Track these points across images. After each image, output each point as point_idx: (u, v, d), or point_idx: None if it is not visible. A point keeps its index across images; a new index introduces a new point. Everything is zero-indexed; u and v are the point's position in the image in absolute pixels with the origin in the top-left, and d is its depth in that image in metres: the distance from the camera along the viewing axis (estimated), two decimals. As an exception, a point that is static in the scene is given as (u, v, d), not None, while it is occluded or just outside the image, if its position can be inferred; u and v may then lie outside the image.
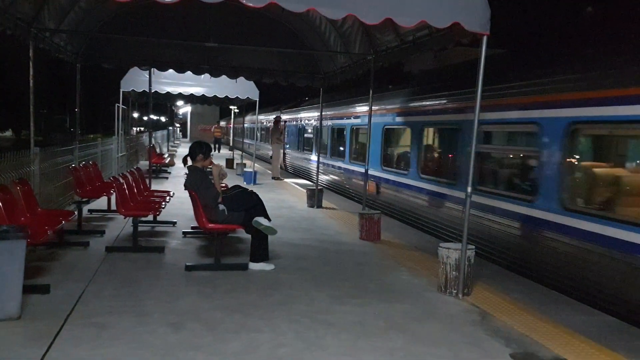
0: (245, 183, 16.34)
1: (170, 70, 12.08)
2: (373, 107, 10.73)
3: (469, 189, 6.12)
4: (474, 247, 6.28)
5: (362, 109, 15.12)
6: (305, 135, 22.51)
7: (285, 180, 19.08)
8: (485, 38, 5.93)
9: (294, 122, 24.32)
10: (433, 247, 7.63)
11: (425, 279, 6.79)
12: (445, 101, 10.31)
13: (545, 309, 5.79)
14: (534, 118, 7.61)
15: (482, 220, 8.52)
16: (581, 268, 6.59)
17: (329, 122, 18.34)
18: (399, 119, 12.50)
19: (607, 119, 6.40)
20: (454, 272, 6.11)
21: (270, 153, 21.82)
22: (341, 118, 17.12)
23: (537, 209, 7.48)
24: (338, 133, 17.54)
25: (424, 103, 11.27)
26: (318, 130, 19.47)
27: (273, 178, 19.33)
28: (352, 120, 16.15)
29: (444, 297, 6.11)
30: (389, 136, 13.28)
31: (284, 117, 25.58)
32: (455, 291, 6.12)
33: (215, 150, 33.58)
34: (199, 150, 7.37)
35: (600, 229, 6.31)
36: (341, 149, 17.13)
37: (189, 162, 7.44)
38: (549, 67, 7.66)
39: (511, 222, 8.00)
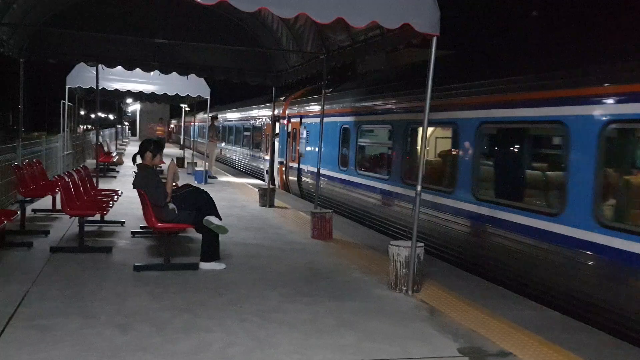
0: (196, 182, 16.14)
1: (119, 67, 11.83)
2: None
3: (419, 188, 6.22)
4: (423, 244, 6.39)
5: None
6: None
7: (233, 179, 18.94)
8: (435, 39, 6.03)
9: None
10: (384, 245, 7.72)
11: (375, 277, 6.86)
12: (371, 103, 11.50)
13: (492, 305, 5.94)
14: (453, 118, 8.55)
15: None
16: (486, 248, 7.74)
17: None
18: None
19: (508, 119, 7.46)
20: (404, 270, 6.20)
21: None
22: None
23: (458, 199, 8.26)
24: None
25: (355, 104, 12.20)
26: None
27: (214, 176, 19.07)
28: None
29: (394, 294, 6.19)
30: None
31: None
32: (405, 288, 6.21)
33: None
34: (148, 147, 7.24)
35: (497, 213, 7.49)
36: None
37: (139, 160, 7.30)
38: (471, 73, 8.58)
39: (433, 212, 8.76)
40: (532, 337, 5.03)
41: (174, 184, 7.38)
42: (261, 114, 21.65)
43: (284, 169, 17.05)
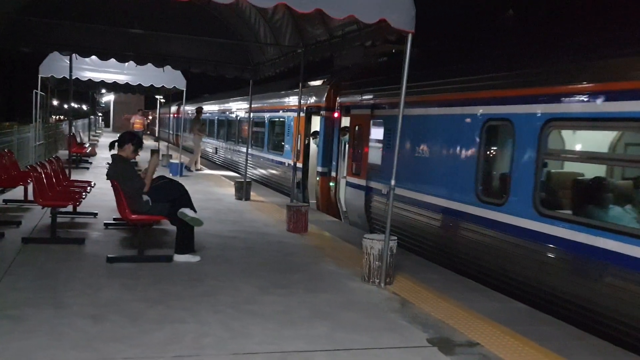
0: (171, 174, 16.05)
1: (93, 57, 11.69)
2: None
3: (393, 182, 6.31)
4: (396, 238, 6.48)
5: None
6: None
7: (210, 172, 18.88)
8: (410, 35, 6.12)
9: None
10: (358, 239, 7.81)
11: (349, 270, 6.95)
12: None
13: (462, 297, 6.07)
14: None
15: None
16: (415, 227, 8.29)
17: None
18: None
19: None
20: (376, 262, 6.29)
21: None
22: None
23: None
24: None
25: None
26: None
27: (188, 168, 18.93)
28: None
29: (367, 287, 6.28)
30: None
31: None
32: (377, 280, 6.30)
33: None
34: (130, 140, 7.19)
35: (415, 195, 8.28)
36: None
37: (115, 149, 7.21)
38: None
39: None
40: (499, 328, 5.16)
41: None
42: (282, 103, 15.81)
43: (331, 183, 12.19)
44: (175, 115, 33.31)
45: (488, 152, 7.57)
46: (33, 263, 6.42)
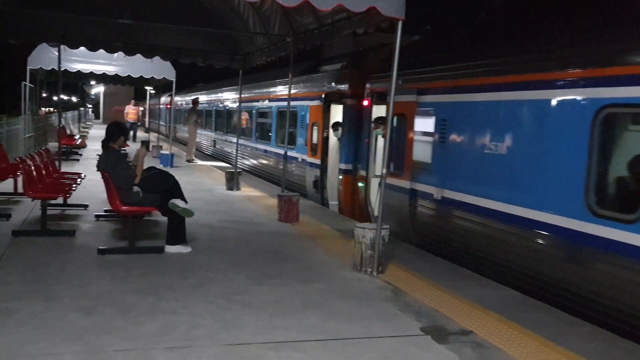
0: (162, 166, 15.98)
1: (82, 48, 11.57)
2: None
3: (384, 170, 6.30)
4: (388, 227, 6.48)
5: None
6: None
7: (202, 162, 18.82)
8: (400, 23, 6.08)
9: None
10: (349, 228, 7.81)
11: (341, 259, 6.94)
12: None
13: (454, 285, 6.07)
14: None
15: None
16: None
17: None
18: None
19: None
20: (368, 251, 6.28)
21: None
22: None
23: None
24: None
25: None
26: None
27: (187, 160, 19.01)
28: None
29: (359, 276, 6.27)
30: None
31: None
32: (369, 269, 6.30)
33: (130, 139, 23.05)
34: (119, 132, 7.18)
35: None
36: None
37: (110, 145, 7.18)
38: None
39: None
40: (492, 316, 5.17)
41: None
42: (294, 91, 12.73)
43: (360, 184, 10.35)
44: (168, 107, 32.07)
45: (607, 149, 5.59)
46: (23, 256, 6.37)
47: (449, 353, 4.32)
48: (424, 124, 8.29)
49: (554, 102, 6.06)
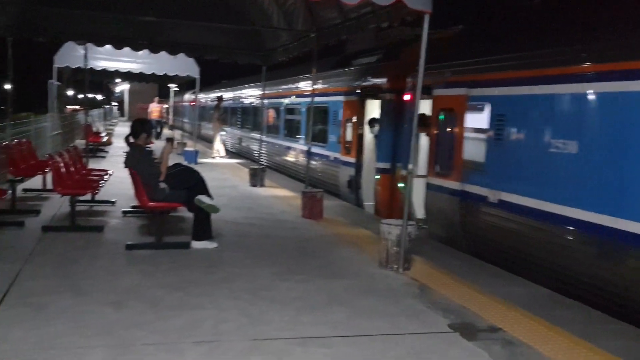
0: (186, 162, 16.08)
1: (107, 46, 11.69)
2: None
3: (410, 166, 6.26)
4: (414, 223, 6.43)
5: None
6: None
7: (226, 159, 18.92)
8: (427, 16, 6.02)
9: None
10: (374, 224, 7.78)
11: (366, 255, 6.92)
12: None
13: (482, 282, 6.01)
14: None
15: None
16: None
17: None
18: None
19: None
20: (394, 248, 6.24)
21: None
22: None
23: None
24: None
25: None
26: None
27: (212, 157, 19.14)
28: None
29: (385, 272, 6.24)
30: None
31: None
32: (395, 266, 6.26)
33: (155, 138, 23.03)
34: (142, 129, 7.23)
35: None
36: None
37: (131, 140, 7.27)
38: None
39: None
40: (522, 313, 5.10)
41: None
42: (324, 86, 12.99)
43: (400, 184, 9.66)
44: (192, 104, 31.00)
45: None
46: (53, 251, 6.47)
47: (477, 350, 4.27)
48: (477, 120, 7.56)
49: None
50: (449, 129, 8.19)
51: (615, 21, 5.93)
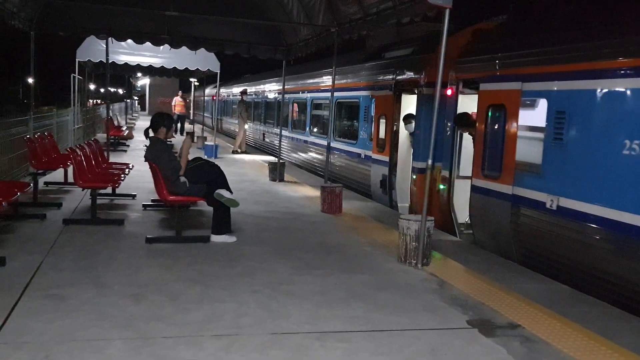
0: (206, 156, 16.18)
1: (129, 40, 11.79)
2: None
3: (430, 162, 6.22)
4: (432, 219, 6.40)
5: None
6: None
7: (247, 154, 18.99)
8: (447, 11, 5.97)
9: None
10: (393, 219, 7.76)
11: (385, 250, 6.90)
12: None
13: (501, 278, 5.96)
14: None
15: None
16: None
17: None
18: None
19: None
20: (413, 243, 6.22)
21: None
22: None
23: None
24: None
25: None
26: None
27: (233, 152, 19.20)
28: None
29: (404, 267, 6.22)
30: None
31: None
32: (414, 261, 6.24)
33: (177, 133, 23.87)
34: (161, 122, 7.26)
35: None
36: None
37: (151, 134, 7.32)
38: None
39: None
40: (541, 310, 5.05)
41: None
42: (356, 80, 12.35)
43: (441, 186, 8.96)
44: (213, 98, 30.24)
45: None
46: (74, 244, 6.54)
47: (496, 346, 4.24)
48: (532, 117, 6.85)
49: None
50: (498, 127, 7.48)
51: None
